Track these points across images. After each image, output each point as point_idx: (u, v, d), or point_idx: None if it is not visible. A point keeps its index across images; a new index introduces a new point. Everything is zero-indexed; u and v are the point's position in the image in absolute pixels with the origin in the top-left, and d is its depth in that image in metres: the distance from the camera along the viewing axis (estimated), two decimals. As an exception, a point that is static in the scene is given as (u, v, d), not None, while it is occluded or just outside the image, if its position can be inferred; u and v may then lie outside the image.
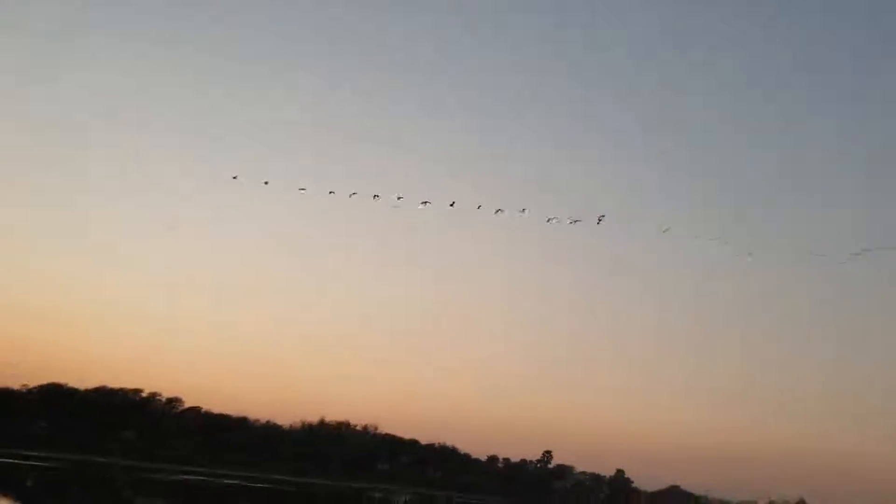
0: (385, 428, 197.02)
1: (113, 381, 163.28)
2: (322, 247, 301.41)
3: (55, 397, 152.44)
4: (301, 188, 63.24)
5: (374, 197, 59.58)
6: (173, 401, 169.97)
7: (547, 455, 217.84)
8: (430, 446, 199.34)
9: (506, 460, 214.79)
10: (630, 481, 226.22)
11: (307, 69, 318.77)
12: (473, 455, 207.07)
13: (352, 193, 62.06)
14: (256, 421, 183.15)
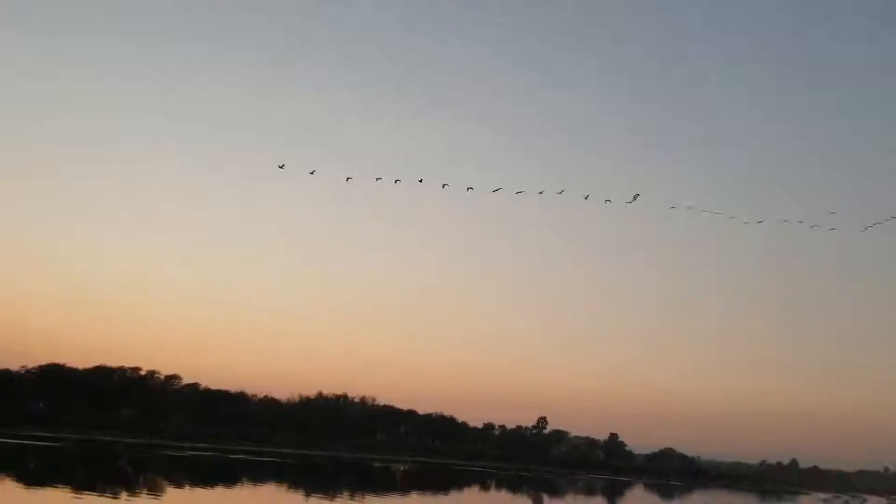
0: (382, 399, 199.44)
1: (111, 360, 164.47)
2: (320, 221, 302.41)
3: (54, 377, 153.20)
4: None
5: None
6: (171, 378, 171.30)
7: (542, 421, 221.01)
8: (428, 416, 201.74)
9: (502, 427, 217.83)
10: (624, 444, 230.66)
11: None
12: (471, 424, 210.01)
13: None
14: (254, 396, 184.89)
